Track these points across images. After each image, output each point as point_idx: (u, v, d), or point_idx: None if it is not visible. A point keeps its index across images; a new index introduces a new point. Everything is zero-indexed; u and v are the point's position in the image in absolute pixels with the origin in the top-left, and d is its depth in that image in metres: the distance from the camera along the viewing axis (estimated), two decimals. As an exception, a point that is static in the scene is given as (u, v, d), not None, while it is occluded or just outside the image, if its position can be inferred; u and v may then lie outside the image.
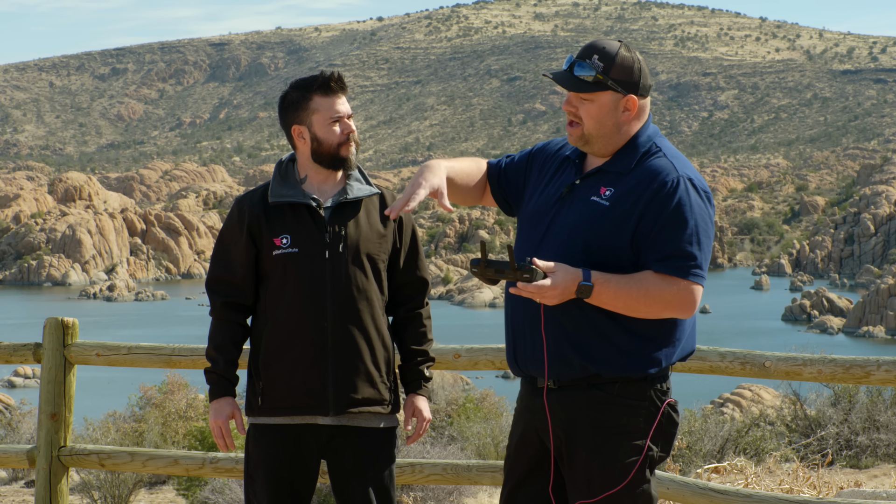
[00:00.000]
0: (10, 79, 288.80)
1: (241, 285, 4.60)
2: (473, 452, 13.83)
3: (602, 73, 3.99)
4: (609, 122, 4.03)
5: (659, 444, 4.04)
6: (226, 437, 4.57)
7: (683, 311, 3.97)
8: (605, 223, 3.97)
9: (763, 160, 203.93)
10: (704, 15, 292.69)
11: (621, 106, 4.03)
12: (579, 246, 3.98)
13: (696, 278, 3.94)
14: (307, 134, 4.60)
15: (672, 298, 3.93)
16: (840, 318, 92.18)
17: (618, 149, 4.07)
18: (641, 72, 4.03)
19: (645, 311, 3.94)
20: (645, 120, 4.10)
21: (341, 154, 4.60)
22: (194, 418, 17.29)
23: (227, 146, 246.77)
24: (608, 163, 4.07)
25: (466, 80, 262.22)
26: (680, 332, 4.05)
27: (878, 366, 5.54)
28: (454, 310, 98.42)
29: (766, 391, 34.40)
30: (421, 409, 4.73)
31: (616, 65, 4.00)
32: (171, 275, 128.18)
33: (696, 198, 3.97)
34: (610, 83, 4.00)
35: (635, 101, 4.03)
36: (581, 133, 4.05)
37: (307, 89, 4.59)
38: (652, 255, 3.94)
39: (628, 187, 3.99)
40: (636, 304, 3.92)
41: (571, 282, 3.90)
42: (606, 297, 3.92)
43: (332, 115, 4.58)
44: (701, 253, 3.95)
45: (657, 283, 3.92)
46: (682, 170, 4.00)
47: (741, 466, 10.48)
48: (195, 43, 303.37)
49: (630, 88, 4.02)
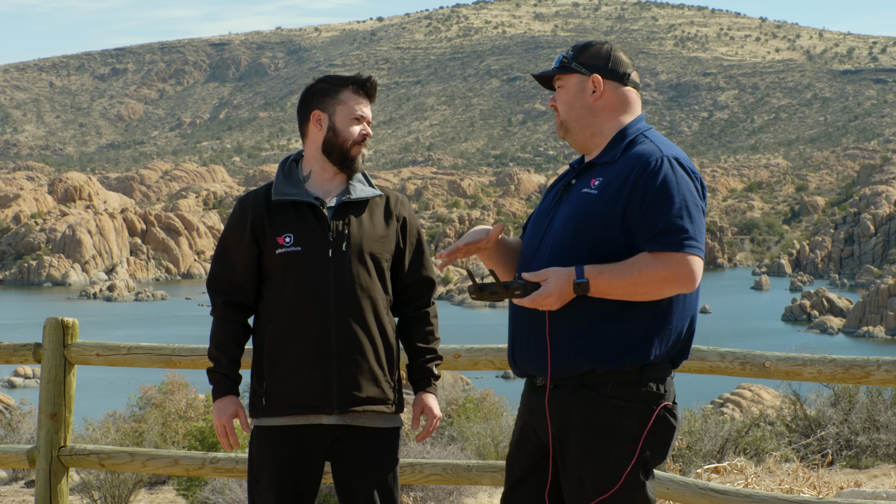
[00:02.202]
0: (10, 79, 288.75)
1: (243, 285, 4.60)
2: (473, 452, 13.83)
3: (570, 59, 4.12)
4: (577, 104, 4.11)
5: (653, 448, 4.01)
6: (230, 436, 4.57)
7: (683, 284, 3.93)
8: (592, 210, 3.99)
9: (763, 160, 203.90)
10: (704, 15, 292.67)
11: (588, 87, 4.10)
12: (570, 235, 4.01)
13: (692, 249, 3.92)
14: (326, 122, 4.60)
15: (668, 273, 3.91)
16: (840, 319, 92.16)
17: (605, 141, 4.11)
18: (612, 56, 4.11)
19: (645, 292, 3.92)
20: (634, 115, 4.13)
21: (352, 153, 4.60)
22: (194, 418, 17.30)
23: (227, 146, 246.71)
24: (598, 156, 4.11)
25: (466, 80, 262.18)
26: (674, 322, 4.02)
27: (878, 366, 5.54)
28: (454, 310, 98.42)
29: (766, 391, 34.40)
30: (430, 406, 4.71)
31: (585, 52, 4.13)
32: (171, 275, 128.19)
33: (683, 174, 3.98)
34: (574, 65, 4.11)
35: (599, 80, 4.09)
36: (560, 121, 4.16)
37: (341, 83, 4.61)
38: (643, 235, 3.94)
39: (614, 174, 4.02)
40: (633, 287, 3.91)
41: (566, 283, 3.92)
42: (605, 288, 3.92)
43: (357, 112, 4.60)
44: (693, 226, 3.93)
45: (651, 262, 3.91)
46: (666, 151, 4.02)
47: (741, 466, 10.48)
48: (195, 43, 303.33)
49: (595, 70, 4.10)
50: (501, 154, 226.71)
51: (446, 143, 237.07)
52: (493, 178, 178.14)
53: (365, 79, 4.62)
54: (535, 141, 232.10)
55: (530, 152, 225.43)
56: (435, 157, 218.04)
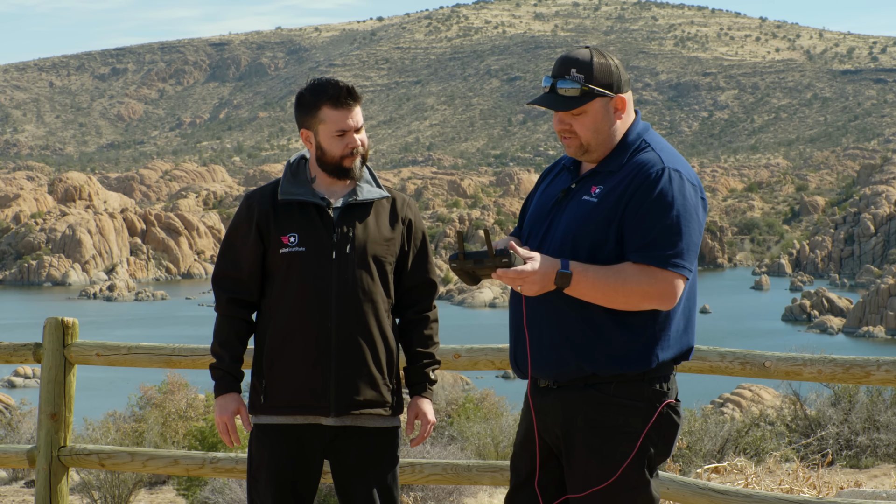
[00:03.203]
0: (10, 79, 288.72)
1: (248, 282, 4.60)
2: (473, 452, 13.83)
3: (585, 83, 4.02)
4: (605, 128, 4.06)
5: (657, 445, 4.02)
6: (231, 433, 4.57)
7: (662, 302, 3.93)
8: (592, 219, 3.99)
9: (763, 160, 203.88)
10: (704, 15, 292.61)
11: (612, 108, 4.06)
12: (569, 243, 4.00)
13: (677, 268, 3.90)
14: (313, 140, 4.60)
15: (650, 289, 3.90)
16: (840, 318, 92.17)
17: (610, 150, 4.08)
18: (619, 69, 4.07)
19: (624, 301, 3.91)
20: (632, 115, 4.12)
21: (344, 165, 4.59)
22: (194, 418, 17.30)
23: (227, 146, 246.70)
24: (601, 164, 4.09)
25: (466, 80, 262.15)
26: (675, 329, 4.03)
27: (878, 366, 5.54)
28: (454, 310, 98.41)
29: (766, 391, 34.41)
30: (425, 411, 4.72)
31: (595, 71, 4.03)
32: (171, 275, 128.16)
33: (681, 187, 3.95)
34: (596, 91, 4.02)
35: (624, 100, 4.07)
36: (579, 143, 4.07)
37: (318, 96, 4.55)
38: (632, 245, 3.93)
39: (616, 182, 4.01)
40: (615, 294, 3.90)
41: (550, 269, 3.90)
42: (584, 287, 3.91)
43: (339, 128, 4.56)
44: (683, 242, 3.91)
45: (635, 273, 3.90)
46: (668, 162, 4.00)
47: (741, 466, 10.48)
48: (195, 43, 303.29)
49: (615, 89, 4.05)
50: (501, 154, 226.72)
51: (446, 143, 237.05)
52: (493, 178, 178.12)
53: (339, 90, 4.53)
54: (535, 141, 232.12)
55: (530, 152, 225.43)
56: (435, 157, 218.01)
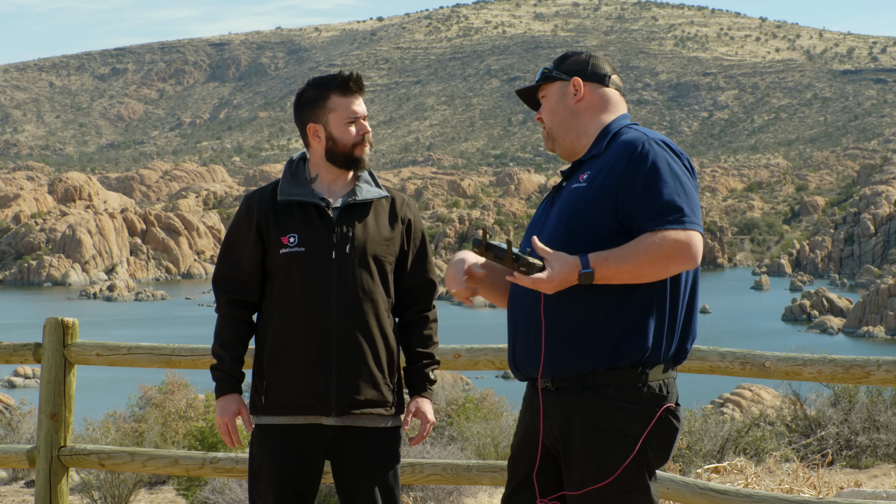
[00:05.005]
0: (10, 79, 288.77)
1: (248, 282, 4.60)
2: (473, 452, 13.83)
3: (551, 70, 4.20)
4: (560, 110, 4.17)
5: (655, 449, 4.02)
6: (232, 434, 4.58)
7: (686, 260, 3.95)
8: (584, 199, 4.03)
9: (763, 160, 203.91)
10: (704, 15, 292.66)
11: (570, 91, 4.16)
12: (563, 227, 4.03)
13: (692, 226, 3.95)
14: (323, 132, 4.61)
15: (673, 251, 3.92)
16: (840, 318, 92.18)
17: (591, 141, 4.15)
18: (591, 62, 4.19)
19: (652, 272, 3.94)
20: (617, 113, 4.19)
21: (356, 154, 4.61)
22: (194, 418, 17.30)
23: (227, 146, 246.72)
24: (585, 153, 4.15)
25: (466, 80, 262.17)
26: (670, 316, 4.03)
27: (878, 366, 5.54)
28: (454, 310, 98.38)
29: (766, 391, 34.40)
30: (425, 411, 4.73)
31: (565, 62, 4.21)
32: (171, 275, 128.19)
33: (671, 155, 4.02)
34: (555, 73, 4.18)
35: (579, 82, 4.15)
36: (546, 133, 4.22)
37: (325, 88, 4.60)
38: (642, 217, 3.96)
39: (603, 163, 4.06)
40: (641, 268, 3.92)
41: (570, 272, 3.93)
42: (610, 274, 3.93)
43: (349, 115, 4.59)
44: (689, 203, 3.97)
45: (654, 241, 3.92)
46: (652, 135, 4.07)
47: (741, 466, 10.48)
48: (195, 43, 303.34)
49: (574, 74, 4.17)
50: (501, 154, 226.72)
51: (446, 143, 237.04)
52: (493, 178, 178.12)
53: (346, 77, 4.61)
54: (535, 141, 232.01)
55: (530, 152, 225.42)
56: (435, 157, 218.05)
